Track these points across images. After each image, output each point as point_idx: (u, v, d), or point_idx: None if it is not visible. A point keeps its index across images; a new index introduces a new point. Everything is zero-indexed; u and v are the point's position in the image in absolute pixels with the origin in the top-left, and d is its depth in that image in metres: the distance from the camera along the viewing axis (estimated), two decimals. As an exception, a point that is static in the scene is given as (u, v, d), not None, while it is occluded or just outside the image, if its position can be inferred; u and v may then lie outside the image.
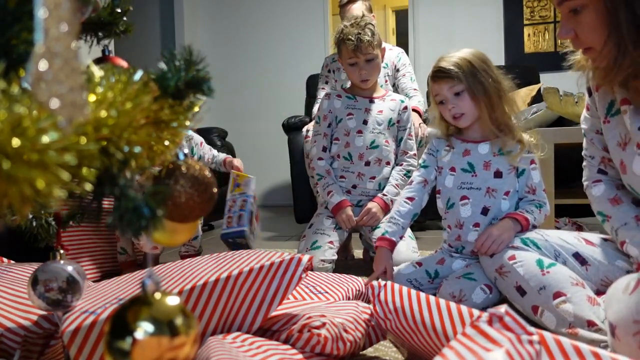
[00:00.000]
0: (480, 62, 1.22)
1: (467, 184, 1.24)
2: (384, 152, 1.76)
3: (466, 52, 1.25)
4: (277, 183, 3.89)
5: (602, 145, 1.02)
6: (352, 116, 1.78)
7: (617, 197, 0.99)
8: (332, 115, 1.82)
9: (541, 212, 1.19)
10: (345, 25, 1.70)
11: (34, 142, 0.31)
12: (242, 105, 4.04)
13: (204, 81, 0.49)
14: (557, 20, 3.34)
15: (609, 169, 1.03)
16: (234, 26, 4.02)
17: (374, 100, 1.80)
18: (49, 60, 0.33)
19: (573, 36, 0.89)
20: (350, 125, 1.77)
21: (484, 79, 1.20)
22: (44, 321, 0.84)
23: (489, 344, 0.51)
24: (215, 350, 0.68)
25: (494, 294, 1.11)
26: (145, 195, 0.43)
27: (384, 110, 1.78)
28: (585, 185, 1.07)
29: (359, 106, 1.79)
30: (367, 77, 1.72)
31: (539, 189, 1.22)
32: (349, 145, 1.77)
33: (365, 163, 1.75)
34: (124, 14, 0.72)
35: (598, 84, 0.96)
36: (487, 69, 1.22)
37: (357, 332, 0.86)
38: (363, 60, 1.69)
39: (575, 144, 1.59)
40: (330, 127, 1.82)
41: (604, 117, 0.97)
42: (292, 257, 0.89)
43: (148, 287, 0.45)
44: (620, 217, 0.97)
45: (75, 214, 0.82)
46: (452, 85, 1.20)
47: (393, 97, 1.83)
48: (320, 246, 1.59)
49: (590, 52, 0.89)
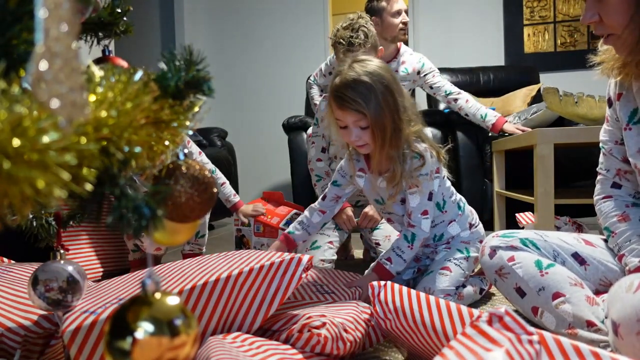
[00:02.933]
0: (385, 91, 1.14)
1: (386, 213, 1.36)
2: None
3: (375, 77, 1.14)
4: (277, 183, 3.89)
5: (622, 155, 1.02)
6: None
7: (625, 215, 1.00)
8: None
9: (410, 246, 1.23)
10: (340, 26, 1.70)
11: (34, 142, 0.31)
12: (242, 105, 4.04)
13: (204, 81, 0.49)
14: (557, 20, 3.34)
15: (623, 182, 1.03)
16: (234, 26, 4.03)
17: None
18: (49, 60, 0.33)
19: (597, 20, 0.89)
20: None
21: (384, 116, 1.14)
22: (44, 321, 0.84)
23: (489, 344, 0.51)
24: (215, 350, 0.68)
25: (456, 270, 1.23)
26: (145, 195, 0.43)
27: None
28: (595, 200, 1.08)
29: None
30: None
31: (415, 213, 1.22)
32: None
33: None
34: (124, 14, 0.72)
35: (620, 73, 0.95)
36: (391, 103, 1.15)
37: (357, 332, 0.86)
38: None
39: (575, 144, 1.59)
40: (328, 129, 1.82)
41: (626, 125, 0.97)
42: (292, 257, 0.89)
43: (148, 287, 0.45)
44: (625, 233, 0.97)
45: (75, 214, 0.82)
46: (358, 119, 1.14)
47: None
48: (320, 246, 1.59)
49: (612, 38, 0.89)
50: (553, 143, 1.52)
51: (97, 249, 1.70)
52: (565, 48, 3.33)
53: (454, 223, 1.33)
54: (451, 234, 1.33)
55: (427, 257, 1.37)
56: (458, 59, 3.40)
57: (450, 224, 1.33)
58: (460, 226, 1.34)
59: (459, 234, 1.33)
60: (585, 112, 1.64)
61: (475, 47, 3.44)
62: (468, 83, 2.94)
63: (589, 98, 1.63)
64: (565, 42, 3.33)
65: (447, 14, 3.51)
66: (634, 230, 0.96)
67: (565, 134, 1.54)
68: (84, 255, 1.63)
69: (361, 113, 1.13)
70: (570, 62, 3.28)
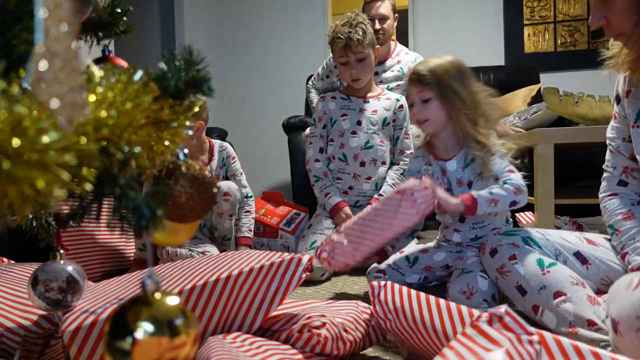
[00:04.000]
0: (456, 72, 1.22)
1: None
2: (379, 152, 1.75)
3: (445, 59, 1.24)
4: (277, 183, 3.88)
5: (629, 153, 1.01)
6: (347, 117, 1.77)
7: (630, 213, 0.99)
8: (326, 117, 1.81)
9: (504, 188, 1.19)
10: (337, 23, 1.70)
11: (34, 142, 0.31)
12: (242, 105, 4.03)
13: (204, 81, 0.49)
14: (557, 20, 3.34)
15: (630, 179, 1.03)
16: (234, 26, 4.02)
17: (368, 100, 1.79)
18: (49, 60, 0.33)
19: (605, 23, 0.89)
20: (344, 127, 1.77)
21: (457, 90, 1.20)
22: (44, 321, 0.84)
23: (489, 344, 0.51)
24: (215, 350, 0.68)
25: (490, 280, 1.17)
26: (145, 195, 0.43)
27: (379, 110, 1.77)
28: (600, 197, 1.08)
29: (353, 106, 1.78)
30: (358, 76, 1.70)
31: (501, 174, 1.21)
32: (343, 147, 1.76)
33: (360, 164, 1.74)
34: (124, 14, 0.72)
35: (629, 69, 0.95)
36: (462, 80, 1.22)
37: (357, 331, 0.86)
38: (354, 60, 1.67)
39: (575, 144, 1.59)
40: (325, 129, 1.82)
41: (634, 122, 0.97)
42: (292, 257, 0.89)
43: (148, 287, 0.45)
44: (630, 231, 0.97)
45: (75, 214, 0.82)
46: (420, 90, 1.21)
47: (389, 95, 1.82)
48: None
49: (622, 37, 0.89)
50: (553, 143, 1.51)
51: (97, 249, 1.70)
52: (566, 48, 3.32)
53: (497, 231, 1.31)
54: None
55: (456, 256, 1.30)
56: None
57: (494, 231, 1.29)
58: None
59: None
60: (585, 112, 1.64)
61: (475, 47, 3.43)
62: (468, 83, 2.93)
63: (589, 98, 1.63)
64: (566, 42, 3.33)
65: (447, 14, 3.51)
66: (639, 229, 0.96)
67: (565, 134, 1.54)
68: (84, 255, 1.63)
69: (425, 84, 1.20)
70: (570, 62, 3.28)
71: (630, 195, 1.03)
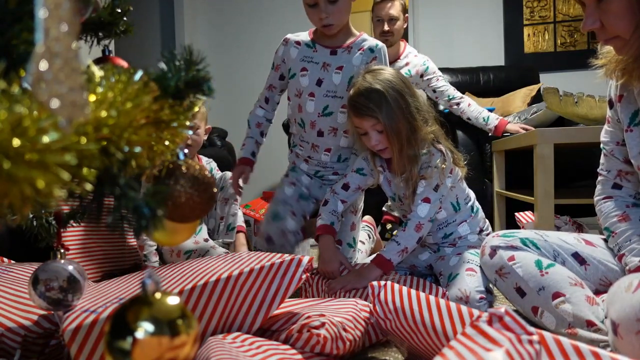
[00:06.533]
0: (396, 96, 1.21)
1: (402, 210, 1.39)
2: (340, 120, 1.41)
3: (386, 84, 1.21)
4: (277, 183, 3.88)
5: (623, 156, 1.01)
6: (306, 73, 1.42)
7: (625, 215, 0.99)
8: (284, 67, 1.48)
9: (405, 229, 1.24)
10: None
11: (34, 142, 0.31)
12: (242, 105, 4.03)
13: (204, 81, 0.49)
14: (556, 20, 3.34)
15: (624, 182, 1.03)
16: (234, 26, 4.02)
17: (336, 51, 1.41)
18: (49, 60, 0.33)
19: (599, 26, 0.87)
20: (302, 84, 1.42)
21: (398, 119, 1.20)
22: (44, 321, 0.84)
23: (489, 344, 0.51)
24: (215, 350, 0.68)
25: (479, 272, 1.19)
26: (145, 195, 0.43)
27: (346, 66, 1.40)
28: (595, 200, 1.08)
29: (316, 59, 1.42)
30: (329, 21, 1.35)
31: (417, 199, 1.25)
32: (301, 110, 1.46)
33: (317, 132, 1.44)
34: (124, 14, 0.72)
35: (623, 76, 0.93)
36: (403, 107, 1.22)
37: (356, 331, 0.86)
38: (324, 0, 1.34)
39: (575, 144, 1.59)
40: (283, 81, 1.51)
41: (627, 127, 0.97)
42: (292, 258, 0.89)
43: (148, 287, 0.45)
44: (625, 233, 0.97)
45: (76, 214, 0.82)
46: (374, 123, 1.22)
47: (364, 44, 1.42)
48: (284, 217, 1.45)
49: (617, 41, 0.87)
50: (553, 143, 1.51)
51: (97, 249, 1.70)
52: (565, 48, 3.32)
53: (464, 223, 1.34)
54: (460, 233, 1.34)
55: (437, 257, 1.34)
56: (458, 59, 3.39)
57: (461, 224, 1.34)
58: (470, 228, 1.34)
59: (467, 236, 1.34)
60: (585, 112, 1.64)
61: (475, 47, 3.43)
62: (468, 83, 2.93)
63: (589, 98, 1.63)
64: (565, 42, 3.33)
65: (447, 14, 3.51)
66: (634, 230, 0.96)
67: (565, 134, 1.54)
68: (84, 255, 1.63)
69: (374, 117, 1.21)
70: (570, 62, 3.28)
71: (624, 197, 1.03)
